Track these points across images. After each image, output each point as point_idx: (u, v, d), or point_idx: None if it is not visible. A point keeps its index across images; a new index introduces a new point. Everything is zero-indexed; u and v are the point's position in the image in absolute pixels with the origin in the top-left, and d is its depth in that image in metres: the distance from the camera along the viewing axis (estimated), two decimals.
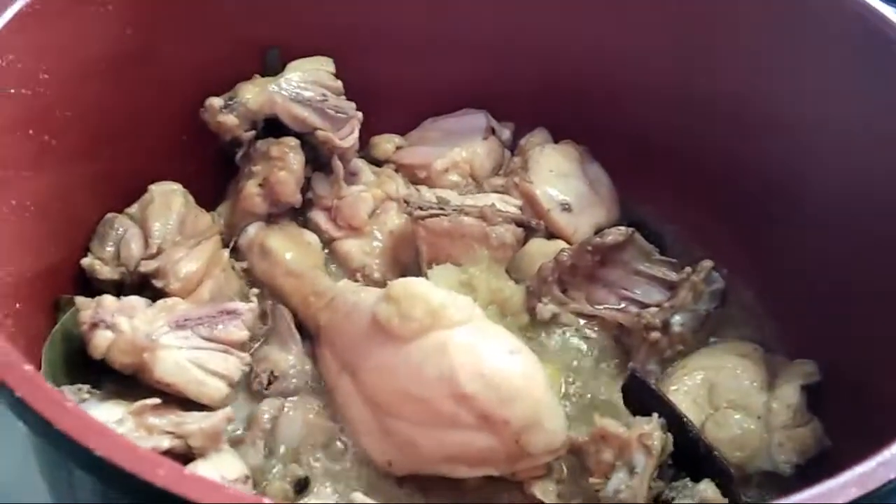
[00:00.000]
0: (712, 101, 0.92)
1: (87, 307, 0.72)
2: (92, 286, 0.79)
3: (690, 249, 0.94)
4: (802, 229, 0.86)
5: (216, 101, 0.86)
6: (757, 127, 0.89)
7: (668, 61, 0.93)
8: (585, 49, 0.96)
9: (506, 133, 1.01)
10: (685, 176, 0.96)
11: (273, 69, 0.91)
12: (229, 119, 0.86)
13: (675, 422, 0.72)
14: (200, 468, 0.66)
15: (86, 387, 0.70)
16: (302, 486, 0.72)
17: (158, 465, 0.42)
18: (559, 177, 0.94)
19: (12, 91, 0.68)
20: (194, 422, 0.68)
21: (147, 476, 0.41)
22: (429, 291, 0.73)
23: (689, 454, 0.71)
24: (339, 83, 0.90)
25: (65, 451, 0.45)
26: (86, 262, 0.79)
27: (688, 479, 0.70)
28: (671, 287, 0.85)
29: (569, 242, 0.90)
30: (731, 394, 0.79)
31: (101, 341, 0.70)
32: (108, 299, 0.73)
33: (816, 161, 0.84)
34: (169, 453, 0.66)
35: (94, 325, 0.71)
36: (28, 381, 0.46)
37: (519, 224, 0.86)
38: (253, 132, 0.88)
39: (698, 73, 0.91)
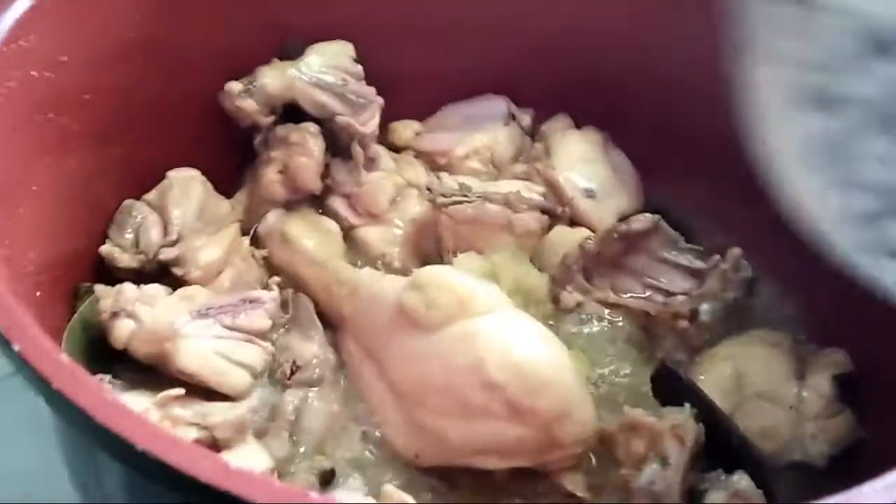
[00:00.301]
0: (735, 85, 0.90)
1: (107, 296, 0.71)
2: (111, 274, 0.78)
3: (713, 236, 0.92)
4: None
5: (235, 86, 0.85)
6: None
7: (690, 44, 0.91)
8: (606, 33, 0.94)
9: (526, 119, 0.99)
10: (707, 162, 0.94)
11: (293, 54, 0.89)
12: (248, 104, 0.85)
13: (706, 412, 0.71)
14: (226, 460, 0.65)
15: (107, 377, 0.69)
16: (328, 477, 0.71)
17: (203, 458, 0.41)
18: (582, 163, 0.93)
19: (34, 74, 0.67)
20: (219, 413, 0.67)
21: (191, 471, 0.40)
22: (456, 279, 0.72)
23: (721, 445, 0.70)
24: (360, 68, 0.89)
25: (102, 444, 0.44)
26: (105, 249, 0.78)
27: (721, 470, 0.69)
28: (697, 275, 0.83)
29: (592, 230, 0.89)
30: (761, 384, 0.78)
31: (123, 331, 0.69)
32: (128, 288, 0.71)
33: None
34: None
35: (115, 315, 0.69)
36: (66, 371, 0.45)
37: (544, 211, 0.85)
38: (272, 117, 0.87)
39: (721, 57, 0.90)
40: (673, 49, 0.92)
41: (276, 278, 0.82)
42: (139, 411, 0.62)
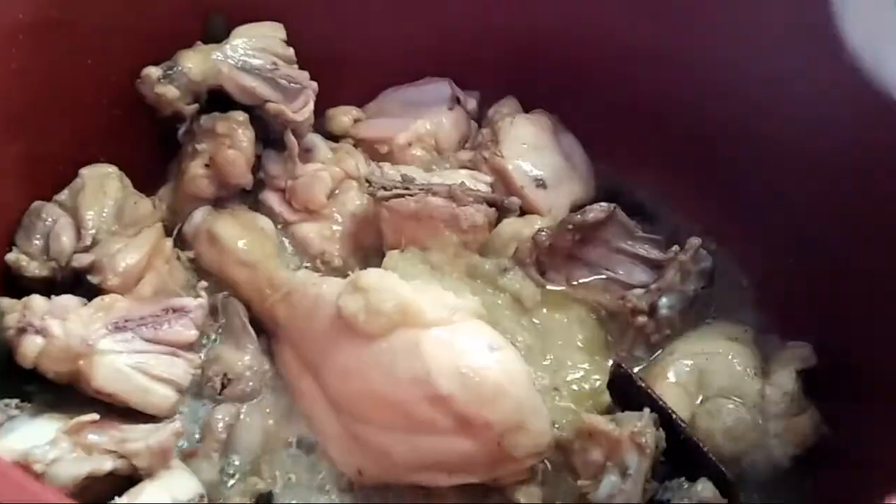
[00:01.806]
0: (687, 66, 0.85)
1: (12, 310, 0.65)
2: (18, 284, 0.71)
3: (668, 217, 0.90)
4: (790, 196, 0.81)
5: (154, 71, 0.78)
6: (735, 92, 0.83)
7: (638, 24, 0.86)
8: (553, 12, 0.89)
9: (471, 103, 0.94)
10: (662, 142, 0.90)
11: (217, 36, 0.82)
12: (169, 90, 0.78)
13: (664, 418, 0.67)
14: (148, 490, 0.59)
15: (14, 401, 0.63)
16: (265, 501, 0.66)
17: None
18: (532, 150, 0.88)
19: None
20: (140, 438, 0.61)
21: None
22: (399, 284, 0.66)
23: (677, 450, 0.67)
24: (291, 51, 0.82)
25: None
26: (10, 257, 0.71)
27: (683, 478, 0.65)
28: (655, 266, 0.79)
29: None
30: (723, 381, 0.74)
31: (31, 348, 0.63)
32: (36, 300, 0.66)
33: (801, 129, 0.78)
34: (112, 475, 0.59)
35: (22, 330, 0.64)
36: None
37: (491, 204, 0.80)
38: (196, 105, 0.80)
39: (669, 36, 0.85)
40: (620, 28, 0.87)
41: (204, 283, 0.76)
42: (40, 441, 0.57)
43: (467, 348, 0.64)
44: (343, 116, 0.91)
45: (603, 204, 0.79)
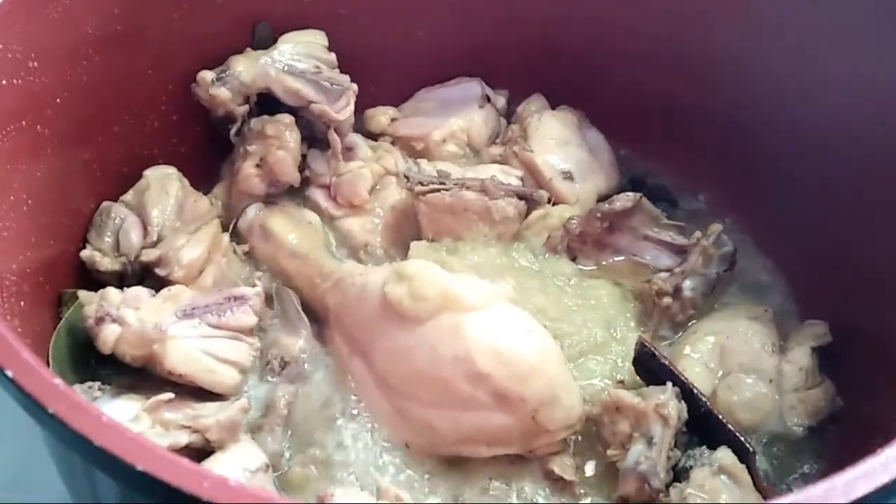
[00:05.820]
0: (706, 57, 0.91)
1: (91, 301, 0.71)
2: (93, 277, 0.78)
3: (692, 198, 0.96)
4: (809, 183, 0.85)
5: (208, 75, 0.84)
6: (753, 81, 0.88)
7: (659, 20, 0.91)
8: (577, 11, 0.94)
9: (501, 100, 0.99)
10: (684, 129, 0.95)
11: (264, 42, 0.88)
12: (222, 92, 0.84)
13: (685, 391, 0.72)
14: (221, 461, 0.66)
15: (96, 384, 0.69)
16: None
17: (204, 478, 0.42)
18: (559, 144, 0.93)
19: (3, 82, 0.66)
20: (211, 414, 0.67)
21: (193, 490, 0.40)
22: (441, 273, 0.72)
23: (702, 422, 0.72)
24: (333, 56, 0.88)
25: (101, 465, 0.44)
26: (85, 254, 0.77)
27: (704, 446, 0.71)
28: (680, 251, 0.85)
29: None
30: (743, 357, 0.79)
31: (109, 335, 0.69)
32: (111, 292, 0.72)
33: (818, 115, 0.83)
34: (187, 448, 0.65)
35: (101, 320, 0.69)
36: (63, 396, 0.45)
37: (520, 196, 0.85)
38: (246, 107, 0.86)
39: (690, 31, 0.91)
40: (643, 25, 0.92)
41: (260, 273, 0.82)
42: (123, 418, 0.63)
43: (504, 330, 0.70)
44: (381, 116, 0.97)
45: (629, 193, 0.85)
